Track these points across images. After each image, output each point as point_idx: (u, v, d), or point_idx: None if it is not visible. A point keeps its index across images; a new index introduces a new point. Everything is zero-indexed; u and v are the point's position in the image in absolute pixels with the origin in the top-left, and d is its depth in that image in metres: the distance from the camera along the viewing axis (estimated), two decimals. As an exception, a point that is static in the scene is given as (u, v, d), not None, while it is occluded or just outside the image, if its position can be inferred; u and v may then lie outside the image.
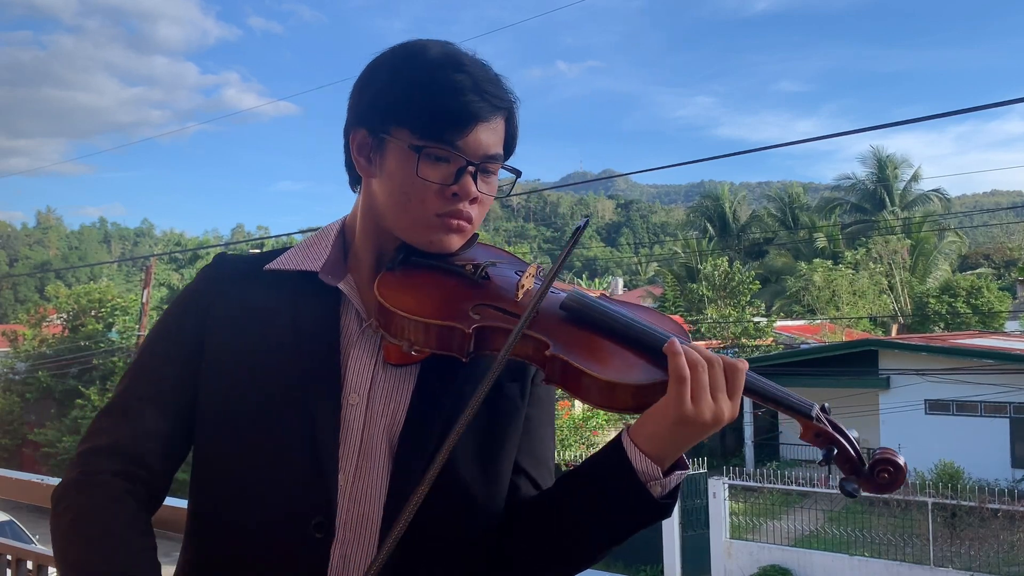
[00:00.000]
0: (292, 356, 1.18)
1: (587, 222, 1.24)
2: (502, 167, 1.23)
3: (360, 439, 1.16)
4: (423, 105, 1.15)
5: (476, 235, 1.27)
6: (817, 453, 1.13)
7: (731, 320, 28.85)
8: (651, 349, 1.11)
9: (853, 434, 1.13)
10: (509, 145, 1.25)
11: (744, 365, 1.10)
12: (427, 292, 1.17)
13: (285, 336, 1.19)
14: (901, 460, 1.10)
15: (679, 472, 1.13)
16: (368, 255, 1.25)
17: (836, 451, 1.12)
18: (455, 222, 1.19)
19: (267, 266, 1.26)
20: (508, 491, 1.24)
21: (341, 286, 1.22)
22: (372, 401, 1.18)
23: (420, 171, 1.15)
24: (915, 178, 45.77)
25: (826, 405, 1.15)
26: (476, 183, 1.18)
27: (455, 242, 1.21)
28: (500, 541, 1.22)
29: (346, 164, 1.27)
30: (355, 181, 1.27)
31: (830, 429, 1.12)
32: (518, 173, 1.26)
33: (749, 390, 1.11)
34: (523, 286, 1.18)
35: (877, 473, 1.10)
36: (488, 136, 1.18)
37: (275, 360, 1.18)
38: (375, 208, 1.23)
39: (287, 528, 1.13)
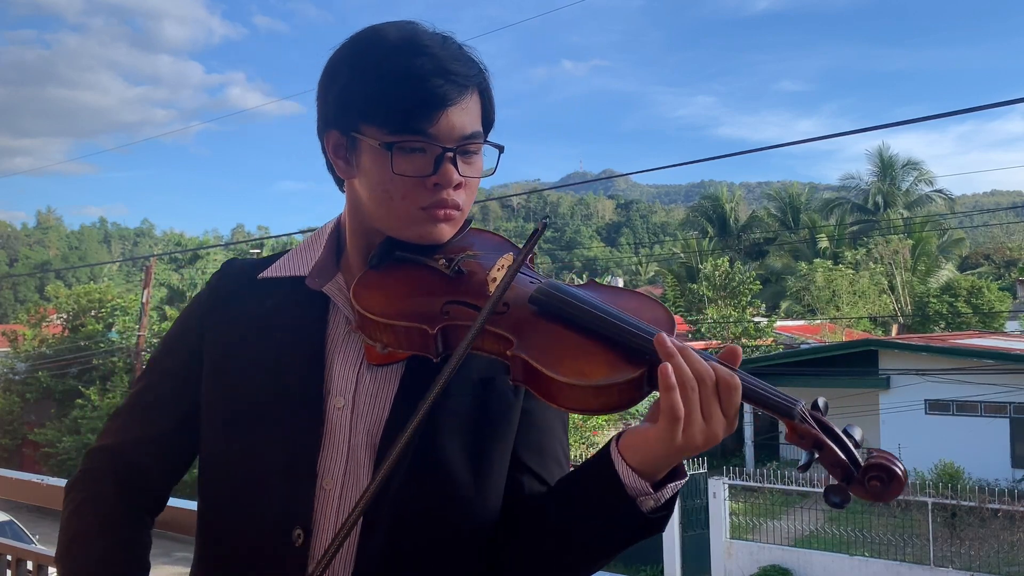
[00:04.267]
0: (277, 365, 1.18)
1: (546, 225, 1.16)
2: (484, 144, 1.19)
3: (347, 443, 1.15)
4: (387, 98, 1.11)
5: (469, 220, 1.24)
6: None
7: (731, 320, 28.83)
8: (622, 345, 1.03)
9: (856, 433, 1.01)
10: (487, 120, 1.21)
11: (738, 383, 0.99)
12: (399, 291, 1.15)
13: (272, 345, 1.19)
14: (899, 468, 0.96)
15: (673, 484, 1.06)
16: (357, 254, 1.24)
17: (818, 454, 0.99)
18: (442, 212, 1.15)
19: (260, 275, 1.26)
20: (510, 488, 1.21)
21: (326, 290, 1.21)
22: (357, 404, 1.16)
23: (396, 167, 1.12)
24: (924, 180, 45.70)
25: (820, 401, 1.03)
26: (457, 168, 1.14)
27: (446, 232, 1.18)
28: (501, 542, 1.20)
29: (327, 167, 1.24)
30: (339, 182, 1.25)
31: (816, 430, 1.00)
32: (501, 148, 1.20)
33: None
34: (495, 279, 1.13)
35: (868, 480, 0.97)
36: (461, 117, 1.14)
37: (262, 370, 1.18)
38: (360, 207, 1.21)
39: (270, 534, 1.13)
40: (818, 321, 32.47)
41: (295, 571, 1.11)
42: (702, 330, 29.26)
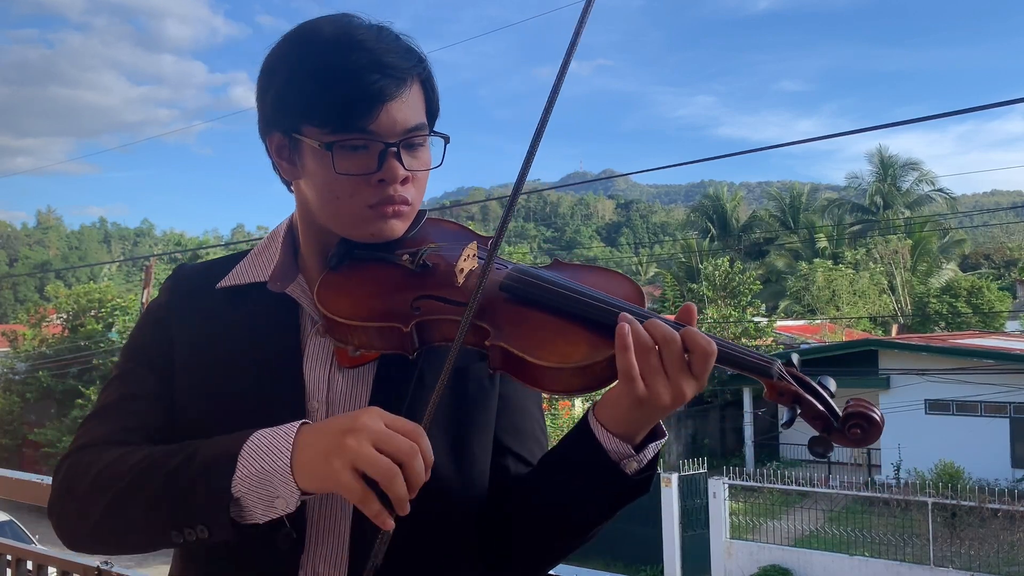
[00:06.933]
0: (253, 371, 1.16)
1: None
2: (431, 135, 1.18)
3: None
4: (324, 98, 1.09)
5: (423, 212, 1.23)
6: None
7: (731, 320, 28.82)
8: (597, 323, 1.05)
9: (831, 384, 1.06)
10: (431, 110, 1.19)
11: (714, 349, 1.03)
12: (365, 291, 1.13)
13: (245, 352, 1.17)
14: (877, 414, 1.01)
15: (654, 444, 1.09)
16: (313, 255, 1.22)
17: (800, 409, 1.04)
18: (391, 208, 1.14)
19: (219, 284, 1.23)
20: (495, 472, 1.22)
21: (289, 291, 1.20)
22: (332, 406, 1.15)
23: (338, 167, 1.10)
24: (925, 180, 45.68)
25: (793, 357, 1.06)
26: (402, 162, 1.12)
27: (397, 228, 1.16)
28: (496, 527, 1.20)
29: (273, 168, 1.22)
30: (286, 183, 1.23)
31: (794, 386, 1.03)
32: (446, 138, 1.19)
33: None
34: (462, 269, 1.11)
35: (849, 429, 1.02)
36: (401, 110, 1.12)
37: (237, 378, 1.16)
38: (309, 208, 1.19)
39: (257, 541, 1.10)
40: (818, 321, 32.49)
41: (287, 560, 1.11)
42: (702, 330, 29.16)
